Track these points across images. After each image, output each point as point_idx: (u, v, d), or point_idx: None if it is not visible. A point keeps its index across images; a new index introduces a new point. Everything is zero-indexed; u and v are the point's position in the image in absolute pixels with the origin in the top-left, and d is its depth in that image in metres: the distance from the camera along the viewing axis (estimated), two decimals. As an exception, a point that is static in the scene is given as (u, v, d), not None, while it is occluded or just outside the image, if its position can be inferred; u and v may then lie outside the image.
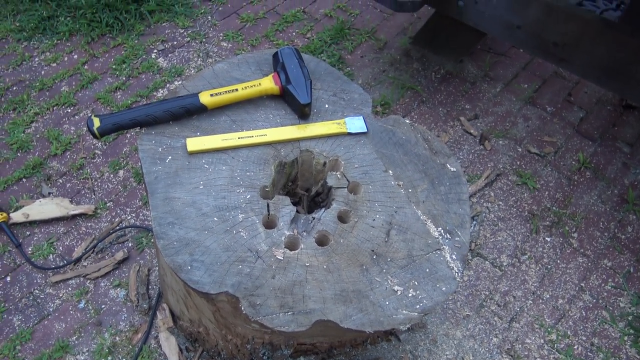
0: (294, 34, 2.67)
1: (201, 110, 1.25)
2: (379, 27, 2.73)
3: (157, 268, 1.86)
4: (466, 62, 2.60)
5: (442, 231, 1.18)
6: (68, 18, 2.60)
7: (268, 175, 1.21)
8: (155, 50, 2.55)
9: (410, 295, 1.10)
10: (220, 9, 2.77)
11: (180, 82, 1.35)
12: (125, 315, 1.77)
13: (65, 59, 2.49)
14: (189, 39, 2.61)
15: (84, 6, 2.58)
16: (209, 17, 2.72)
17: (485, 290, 1.90)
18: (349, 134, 1.28)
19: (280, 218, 1.16)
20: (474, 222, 2.05)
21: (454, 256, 1.15)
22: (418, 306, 1.09)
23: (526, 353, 1.77)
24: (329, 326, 1.07)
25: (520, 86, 2.52)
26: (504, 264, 1.96)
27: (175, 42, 2.59)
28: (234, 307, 1.08)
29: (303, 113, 1.28)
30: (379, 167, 1.25)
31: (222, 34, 2.64)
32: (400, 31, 2.72)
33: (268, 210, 1.16)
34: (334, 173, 1.24)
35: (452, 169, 1.28)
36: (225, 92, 1.26)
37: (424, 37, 2.59)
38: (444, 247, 1.16)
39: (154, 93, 2.36)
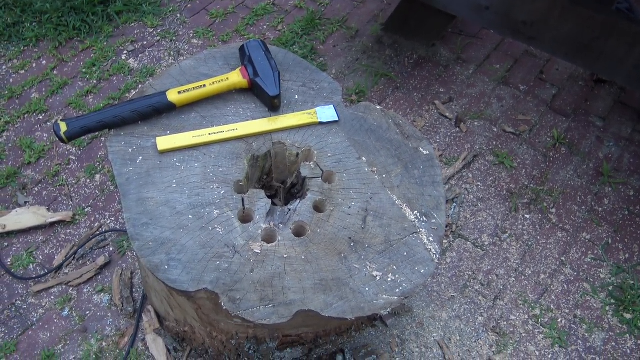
0: (265, 27, 2.65)
1: (170, 108, 1.24)
2: (350, 16, 2.72)
3: (139, 271, 1.84)
4: (438, 46, 2.60)
5: (417, 214, 1.19)
6: (34, 23, 2.56)
7: (241, 169, 1.20)
8: (125, 52, 2.51)
9: (389, 279, 1.10)
10: (189, 5, 2.74)
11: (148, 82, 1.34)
12: (111, 320, 1.76)
13: (34, 65, 2.44)
14: (158, 38, 2.58)
15: (50, 10, 2.54)
16: (178, 15, 2.69)
17: (469, 271, 1.91)
18: (321, 123, 1.28)
19: (256, 212, 1.16)
20: (454, 204, 2.07)
21: (430, 238, 1.16)
22: (398, 290, 1.09)
23: (511, 329, 1.79)
24: (311, 316, 1.07)
25: (492, 67, 2.54)
26: (486, 243, 1.98)
27: (145, 42, 2.56)
28: (215, 303, 1.08)
29: (273, 105, 1.27)
30: (352, 155, 1.25)
31: (192, 31, 2.61)
32: (371, 18, 2.71)
33: (243, 205, 1.16)
34: (307, 163, 1.24)
35: (424, 152, 1.28)
36: (193, 88, 1.25)
37: (395, 23, 2.59)
38: (421, 230, 1.17)
39: (127, 95, 2.33)
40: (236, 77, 1.28)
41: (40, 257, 1.88)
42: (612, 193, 2.14)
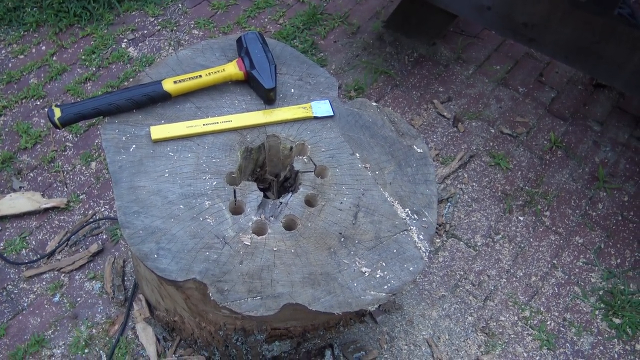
0: (266, 20, 2.65)
1: (165, 97, 1.24)
2: (352, 12, 2.72)
3: (131, 259, 1.85)
4: (439, 45, 2.60)
5: (409, 212, 1.19)
6: (34, 9, 2.55)
7: (234, 161, 1.21)
8: (125, 40, 2.51)
9: (378, 276, 1.11)
10: (191, -4, 2.74)
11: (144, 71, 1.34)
12: (102, 307, 1.76)
13: (33, 50, 2.44)
14: (159, 27, 2.57)
15: (51, -4, 2.53)
16: (180, 5, 2.68)
17: (460, 271, 1.92)
18: (315, 118, 1.28)
19: (247, 204, 1.16)
20: (449, 204, 2.07)
21: (421, 236, 1.17)
22: (386, 287, 1.10)
23: (500, 330, 1.80)
24: (298, 309, 1.07)
25: (492, 68, 2.54)
26: (478, 244, 1.99)
27: (145, 31, 2.55)
28: (203, 293, 1.08)
29: (268, 98, 1.27)
30: (345, 151, 1.25)
31: (193, 22, 2.60)
32: (373, 15, 2.71)
33: (235, 196, 1.16)
34: (300, 157, 1.24)
35: (418, 150, 1.28)
36: (189, 78, 1.25)
37: (397, 20, 2.59)
38: (411, 227, 1.17)
39: (125, 83, 2.33)
40: (232, 69, 1.28)
41: (33, 242, 1.89)
42: (607, 198, 2.14)
